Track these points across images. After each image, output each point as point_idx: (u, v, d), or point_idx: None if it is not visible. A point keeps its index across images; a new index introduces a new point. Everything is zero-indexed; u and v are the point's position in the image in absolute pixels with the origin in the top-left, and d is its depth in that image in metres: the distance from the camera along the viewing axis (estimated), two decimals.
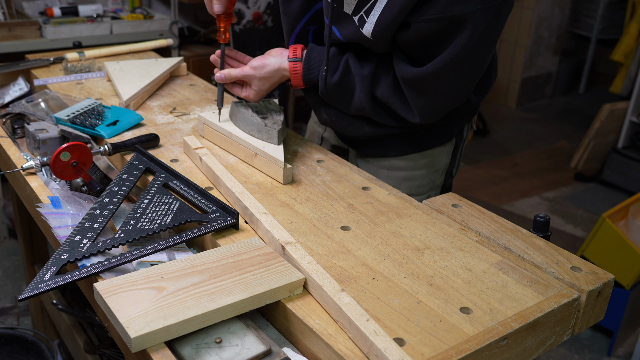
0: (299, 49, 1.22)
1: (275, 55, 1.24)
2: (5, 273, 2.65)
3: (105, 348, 1.57)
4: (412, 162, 1.32)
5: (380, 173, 1.33)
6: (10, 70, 1.68)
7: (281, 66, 1.22)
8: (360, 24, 1.09)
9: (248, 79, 1.24)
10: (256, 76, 1.23)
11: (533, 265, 0.94)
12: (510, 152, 4.16)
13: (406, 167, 1.32)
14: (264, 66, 1.22)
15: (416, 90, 1.13)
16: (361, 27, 1.09)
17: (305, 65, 1.21)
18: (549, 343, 0.88)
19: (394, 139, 1.29)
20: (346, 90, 1.19)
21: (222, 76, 1.25)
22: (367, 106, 1.18)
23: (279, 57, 1.23)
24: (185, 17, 3.56)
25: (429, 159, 1.32)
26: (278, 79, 1.24)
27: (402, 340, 0.77)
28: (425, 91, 1.12)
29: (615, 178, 3.70)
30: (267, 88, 1.25)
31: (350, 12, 1.11)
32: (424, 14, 1.02)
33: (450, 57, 1.05)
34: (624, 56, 4.27)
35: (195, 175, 1.18)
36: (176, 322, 0.75)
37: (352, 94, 1.19)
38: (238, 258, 0.88)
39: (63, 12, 2.93)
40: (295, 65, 1.21)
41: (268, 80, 1.23)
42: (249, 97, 1.26)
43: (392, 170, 1.33)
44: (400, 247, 0.97)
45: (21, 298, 0.81)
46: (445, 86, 1.12)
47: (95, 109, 1.37)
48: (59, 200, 1.06)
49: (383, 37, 1.09)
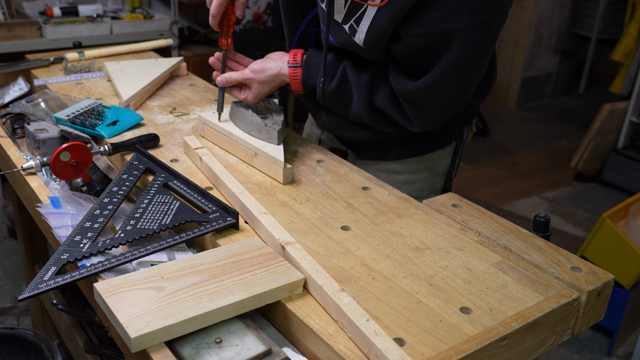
0: (299, 54, 1.22)
1: (275, 59, 1.23)
2: (5, 273, 2.65)
3: (105, 348, 1.57)
4: (412, 165, 1.31)
5: (379, 176, 1.32)
6: (10, 70, 1.68)
7: (281, 71, 1.22)
8: (352, 33, 1.09)
9: (248, 82, 1.24)
10: (256, 79, 1.23)
11: (533, 265, 0.94)
12: (510, 152, 4.16)
13: (406, 171, 1.32)
14: (263, 70, 1.22)
15: (413, 104, 1.12)
16: (353, 36, 1.09)
17: (304, 71, 1.21)
18: (549, 343, 0.88)
19: (392, 142, 1.29)
20: (344, 98, 1.19)
21: (224, 80, 1.26)
22: (365, 115, 1.18)
23: (279, 62, 1.23)
24: (185, 17, 3.56)
25: (429, 163, 1.32)
26: (277, 84, 1.24)
27: (402, 340, 0.77)
28: (422, 104, 1.12)
29: (615, 178, 3.70)
30: (267, 92, 1.25)
31: (340, 21, 1.11)
32: (413, 27, 1.02)
33: (442, 71, 1.05)
34: (624, 56, 4.27)
35: (195, 175, 1.18)
36: (176, 322, 0.75)
37: (349, 101, 1.19)
38: (238, 258, 0.88)
39: (63, 12, 2.93)
40: (295, 71, 1.21)
41: (267, 84, 1.24)
42: (248, 99, 1.27)
43: (391, 174, 1.33)
44: (400, 247, 0.97)
45: (21, 298, 0.81)
46: (441, 98, 1.11)
47: (95, 109, 1.37)
48: (59, 200, 1.06)
49: (375, 47, 1.09)
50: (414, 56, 1.08)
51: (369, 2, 1.03)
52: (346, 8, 1.08)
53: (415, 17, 1.01)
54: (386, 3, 1.01)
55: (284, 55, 1.24)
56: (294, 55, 1.22)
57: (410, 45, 1.05)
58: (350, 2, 1.06)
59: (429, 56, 1.06)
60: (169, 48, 2.30)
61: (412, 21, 1.01)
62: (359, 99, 1.17)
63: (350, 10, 1.08)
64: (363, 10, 1.05)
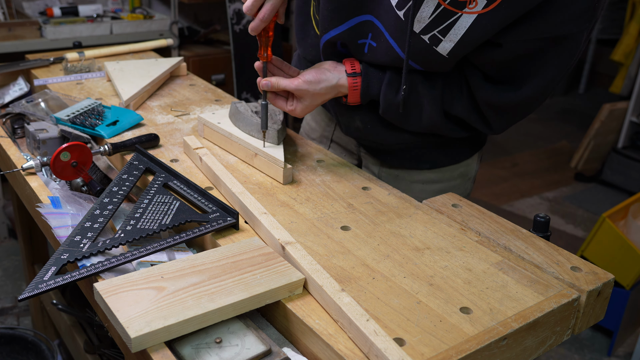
0: (356, 63, 1.13)
1: (330, 69, 1.13)
2: (5, 273, 2.65)
3: (105, 348, 1.57)
4: (447, 173, 1.27)
5: (413, 188, 1.26)
6: (10, 70, 1.68)
7: (339, 82, 1.12)
8: (434, 43, 1.01)
9: (300, 93, 1.13)
10: (310, 91, 1.12)
11: (533, 265, 0.94)
12: (510, 152, 4.16)
13: (441, 179, 1.26)
14: (319, 81, 1.11)
15: (504, 113, 1.07)
16: (435, 45, 1.01)
17: (364, 81, 1.12)
18: (549, 343, 0.88)
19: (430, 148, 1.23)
20: (411, 110, 1.12)
21: (269, 84, 1.12)
22: (440, 125, 1.12)
23: (335, 72, 1.13)
24: (185, 17, 3.56)
25: (463, 169, 1.28)
26: (332, 95, 1.15)
27: (402, 340, 0.77)
28: (515, 113, 1.08)
29: (615, 178, 3.70)
30: (318, 104, 1.15)
31: (418, 31, 1.01)
32: (525, 33, 0.95)
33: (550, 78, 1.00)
34: (624, 56, 4.27)
35: (195, 175, 1.18)
36: (176, 322, 0.75)
37: (419, 112, 1.12)
38: (238, 258, 0.88)
39: (63, 12, 2.93)
40: (354, 81, 1.12)
41: (322, 97, 1.14)
42: (295, 111, 1.15)
43: (426, 184, 1.27)
44: (400, 247, 0.97)
45: (21, 298, 0.81)
46: (537, 105, 1.07)
47: (95, 109, 1.37)
48: (59, 200, 1.06)
49: (459, 56, 1.02)
50: (511, 63, 1.01)
51: (465, 10, 0.95)
52: (431, 18, 0.98)
53: (527, 22, 0.94)
54: (494, 7, 0.92)
55: (338, 65, 1.14)
56: (351, 64, 1.13)
57: (514, 52, 0.98)
58: (440, 12, 0.96)
59: (531, 62, 1.00)
60: (169, 48, 2.30)
61: (523, 26, 0.94)
62: (434, 111, 1.10)
63: (435, 21, 0.98)
64: (455, 19, 0.97)
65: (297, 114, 1.16)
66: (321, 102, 1.15)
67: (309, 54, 1.29)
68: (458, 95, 1.10)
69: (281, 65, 1.18)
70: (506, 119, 1.11)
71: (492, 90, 1.05)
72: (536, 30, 0.95)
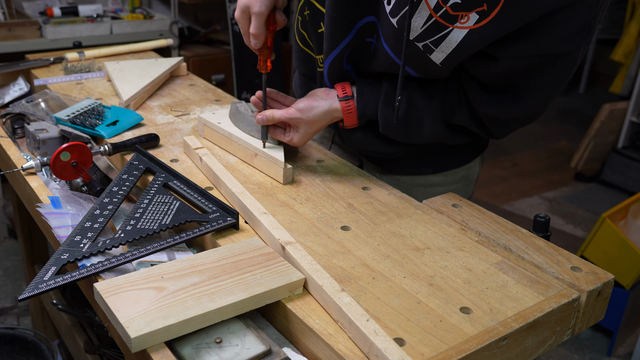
0: (347, 87, 1.13)
1: (322, 96, 1.13)
2: (5, 273, 2.65)
3: (105, 348, 1.57)
4: (449, 177, 1.27)
5: (415, 191, 1.26)
6: (10, 70, 1.68)
7: (332, 107, 1.12)
8: (427, 51, 1.00)
9: (294, 122, 1.13)
10: (303, 119, 1.12)
11: (533, 265, 0.94)
12: (510, 152, 4.16)
13: (444, 183, 1.26)
14: (311, 108, 1.12)
15: (505, 124, 1.08)
16: (429, 53, 1.00)
17: (359, 102, 1.12)
18: (549, 343, 0.88)
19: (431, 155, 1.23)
20: (411, 124, 1.11)
21: (264, 118, 1.15)
22: (442, 135, 1.12)
23: (327, 99, 1.13)
24: (185, 17, 3.56)
25: (465, 172, 1.28)
26: (327, 122, 1.14)
27: (402, 340, 0.77)
28: (516, 123, 1.08)
29: (615, 178, 3.70)
30: (314, 132, 1.15)
31: (412, 38, 1.00)
32: (522, 50, 0.95)
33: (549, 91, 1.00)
34: (624, 56, 4.27)
35: (195, 175, 1.18)
36: (176, 322, 0.75)
37: (419, 127, 1.12)
38: (238, 258, 0.88)
39: (63, 12, 2.93)
40: (347, 104, 1.12)
41: (316, 124, 1.13)
42: (293, 140, 1.16)
43: (428, 187, 1.26)
44: (400, 247, 0.97)
45: (21, 298, 0.81)
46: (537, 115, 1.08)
47: (95, 109, 1.37)
48: (59, 200, 1.06)
49: (453, 64, 1.01)
50: (508, 77, 1.01)
51: (456, 25, 0.94)
52: (423, 29, 0.97)
53: (523, 39, 0.93)
54: (486, 24, 0.92)
55: (330, 91, 1.14)
56: (342, 88, 1.13)
57: (510, 67, 0.98)
58: (432, 24, 0.96)
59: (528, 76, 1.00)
60: (169, 48, 2.30)
61: (518, 43, 0.94)
62: (435, 122, 1.10)
63: (427, 32, 0.97)
64: (446, 33, 0.96)
65: (296, 144, 1.16)
66: (317, 130, 1.15)
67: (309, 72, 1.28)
68: (457, 105, 1.10)
69: (277, 96, 1.20)
70: (507, 128, 1.12)
71: (490, 103, 1.05)
72: (532, 48, 0.95)
